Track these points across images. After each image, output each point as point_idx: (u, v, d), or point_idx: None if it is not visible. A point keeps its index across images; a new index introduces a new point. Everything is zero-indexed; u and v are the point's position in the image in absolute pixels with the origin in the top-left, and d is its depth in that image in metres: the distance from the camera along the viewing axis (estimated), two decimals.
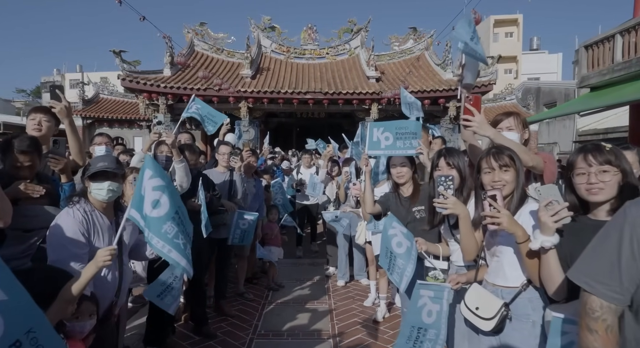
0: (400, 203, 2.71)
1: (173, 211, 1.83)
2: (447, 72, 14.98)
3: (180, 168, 3.07)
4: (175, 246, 1.81)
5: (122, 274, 2.05)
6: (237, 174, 4.02)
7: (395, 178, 2.72)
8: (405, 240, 2.16)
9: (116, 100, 19.66)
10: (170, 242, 1.80)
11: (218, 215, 3.71)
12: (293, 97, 13.03)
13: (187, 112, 3.64)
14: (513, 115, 2.33)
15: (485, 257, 1.89)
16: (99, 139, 3.62)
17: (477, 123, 1.97)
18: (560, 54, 37.67)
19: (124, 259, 2.11)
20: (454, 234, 2.10)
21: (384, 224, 2.24)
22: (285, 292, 4.78)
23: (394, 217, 2.23)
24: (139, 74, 12.92)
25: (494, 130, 2.02)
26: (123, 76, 12.61)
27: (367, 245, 4.42)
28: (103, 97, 19.77)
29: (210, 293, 4.16)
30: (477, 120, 1.97)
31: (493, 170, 1.75)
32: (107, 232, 2.00)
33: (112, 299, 2.01)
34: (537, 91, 25.09)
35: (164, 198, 1.81)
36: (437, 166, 2.15)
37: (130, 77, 12.59)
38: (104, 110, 18.57)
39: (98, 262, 1.65)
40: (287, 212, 6.05)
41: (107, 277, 1.96)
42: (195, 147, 3.62)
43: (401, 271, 2.17)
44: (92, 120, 18.36)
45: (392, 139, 2.61)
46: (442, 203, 1.84)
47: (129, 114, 17.95)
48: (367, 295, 4.53)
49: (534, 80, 27.73)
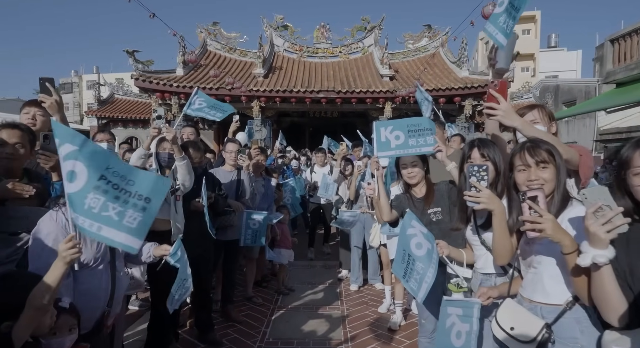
0: (414, 205, 2.49)
1: (95, 177, 1.47)
2: (463, 69, 14.63)
3: (181, 166, 2.88)
4: (105, 220, 1.47)
5: (115, 281, 1.88)
6: (245, 173, 3.83)
7: (406, 179, 2.51)
8: (425, 242, 1.90)
9: (130, 100, 19.84)
10: (97, 217, 1.46)
11: (225, 216, 3.54)
12: (306, 96, 12.86)
13: (189, 108, 3.40)
14: (537, 107, 2.10)
15: (520, 268, 1.65)
16: (100, 135, 3.46)
17: (503, 111, 1.70)
18: (579, 51, 36.71)
19: (117, 265, 1.94)
20: (482, 236, 1.87)
21: (401, 223, 2.00)
22: (296, 297, 4.59)
23: (413, 215, 1.97)
24: (151, 74, 12.94)
25: (522, 120, 1.76)
26: (136, 76, 12.64)
27: (382, 248, 4.20)
28: (118, 98, 19.96)
29: (217, 297, 4.00)
30: (503, 108, 1.71)
31: (529, 168, 1.51)
32: None
33: (103, 309, 1.84)
34: (556, 89, 24.41)
35: (78, 166, 1.45)
36: (468, 158, 1.90)
37: (143, 77, 12.62)
38: (118, 110, 18.75)
39: (63, 257, 1.40)
40: (296, 214, 5.85)
41: (96, 285, 1.79)
42: (199, 144, 3.41)
43: (420, 277, 1.91)
44: (107, 120, 18.56)
45: (403, 138, 2.36)
46: (474, 197, 1.59)
47: (143, 113, 18.07)
48: (382, 300, 4.31)
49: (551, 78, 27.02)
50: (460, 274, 1.93)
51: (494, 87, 1.74)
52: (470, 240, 1.97)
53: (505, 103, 1.73)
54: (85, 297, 1.72)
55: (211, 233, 3.05)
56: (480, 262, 1.92)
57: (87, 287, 1.75)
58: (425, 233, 1.93)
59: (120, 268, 1.98)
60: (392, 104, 13.28)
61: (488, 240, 1.82)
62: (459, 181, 1.92)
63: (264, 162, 4.47)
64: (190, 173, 2.94)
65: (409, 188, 2.56)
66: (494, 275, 1.87)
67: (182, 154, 2.87)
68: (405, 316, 3.89)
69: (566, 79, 26.28)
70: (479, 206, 1.61)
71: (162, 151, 2.98)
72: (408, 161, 2.47)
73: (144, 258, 2.16)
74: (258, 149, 4.22)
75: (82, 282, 1.74)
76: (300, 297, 4.59)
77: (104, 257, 1.85)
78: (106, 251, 1.87)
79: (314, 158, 7.24)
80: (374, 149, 2.44)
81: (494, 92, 1.73)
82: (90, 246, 1.79)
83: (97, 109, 18.75)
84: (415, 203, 2.49)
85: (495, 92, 1.73)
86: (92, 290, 1.77)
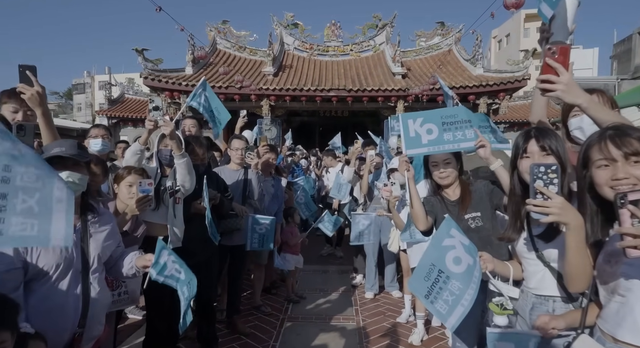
0: (447, 209, 2.15)
1: None
2: (477, 67, 14.22)
3: (181, 164, 2.58)
4: None
5: (89, 297, 1.58)
6: (253, 172, 3.52)
7: (437, 179, 2.19)
8: (466, 256, 1.56)
9: (141, 100, 19.83)
10: None
11: (230, 220, 3.25)
12: (316, 95, 12.60)
13: (193, 99, 3.06)
14: (597, 92, 1.79)
15: (599, 293, 1.29)
16: (95, 130, 3.19)
17: (564, 85, 1.33)
18: (596, 49, 35.77)
19: (95, 277, 1.63)
20: (539, 250, 1.51)
21: (437, 232, 1.64)
22: (307, 305, 4.29)
23: (452, 222, 1.62)
24: (160, 73, 12.80)
25: (589, 97, 1.39)
26: (145, 74, 12.51)
27: (401, 253, 3.89)
28: (128, 97, 19.98)
29: (222, 306, 3.72)
30: (564, 80, 1.32)
31: (614, 163, 1.17)
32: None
33: (73, 331, 1.53)
34: None
35: None
36: (523, 152, 1.52)
37: (152, 76, 12.48)
38: (128, 109, 18.75)
39: None
40: (312, 212, 5.49)
41: (60, 300, 1.50)
42: (202, 139, 3.11)
43: (454, 299, 1.55)
44: (117, 119, 18.58)
45: (437, 132, 2.01)
46: (542, 207, 1.22)
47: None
48: (400, 310, 3.99)
49: None
50: (506, 293, 1.59)
51: (552, 55, 1.33)
52: (520, 253, 1.62)
53: (567, 74, 1.34)
54: (45, 315, 1.43)
55: (214, 239, 2.77)
56: (534, 281, 1.56)
57: (49, 303, 1.46)
58: (466, 245, 1.59)
59: (97, 281, 1.66)
60: (404, 103, 12.97)
61: (549, 255, 1.49)
62: (511, 183, 1.58)
63: (274, 160, 4.16)
64: (191, 173, 2.65)
65: (439, 189, 2.23)
66: (553, 298, 1.51)
67: (182, 151, 2.57)
68: (427, 328, 3.56)
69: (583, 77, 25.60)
70: (547, 219, 1.23)
71: (164, 148, 2.68)
72: (440, 159, 2.15)
73: (126, 272, 1.84)
74: (267, 147, 3.91)
75: (42, 297, 1.45)
76: (312, 305, 4.29)
77: (71, 265, 1.55)
78: (73, 258, 1.56)
79: (324, 161, 6.97)
80: (402, 145, 2.08)
81: (551, 61, 1.34)
82: (54, 255, 1.48)
83: (107, 109, 18.81)
84: (449, 207, 2.17)
85: (553, 61, 1.34)
86: (54, 306, 1.46)
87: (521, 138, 1.55)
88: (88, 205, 1.70)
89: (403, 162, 2.09)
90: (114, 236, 1.80)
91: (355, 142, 5.82)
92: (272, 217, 3.57)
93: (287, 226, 4.34)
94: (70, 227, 1.07)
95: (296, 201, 5.10)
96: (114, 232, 1.79)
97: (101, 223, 1.72)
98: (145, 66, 12.73)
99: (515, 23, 34.06)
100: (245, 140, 3.59)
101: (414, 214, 2.16)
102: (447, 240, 1.59)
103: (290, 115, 15.12)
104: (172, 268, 1.80)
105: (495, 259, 1.65)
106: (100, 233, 1.69)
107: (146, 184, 2.24)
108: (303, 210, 5.13)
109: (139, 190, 2.22)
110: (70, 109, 47.31)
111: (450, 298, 1.56)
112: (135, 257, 1.81)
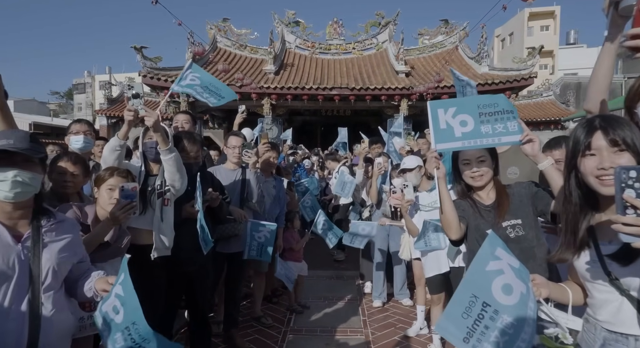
0: (481, 216, 1.84)
1: None
2: (483, 65, 13.96)
3: (168, 160, 2.25)
4: None
5: (39, 320, 1.30)
6: (252, 172, 3.22)
7: (469, 180, 1.87)
8: (518, 282, 1.22)
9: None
10: None
11: (228, 225, 2.96)
12: (318, 93, 12.34)
13: (178, 84, 2.65)
14: None
15: None
16: (77, 126, 2.85)
17: None
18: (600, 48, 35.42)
19: (43, 296, 1.34)
20: (614, 275, 1.17)
21: (479, 255, 1.25)
22: (311, 315, 3.99)
23: (498, 240, 1.28)
24: (160, 71, 12.57)
25: None
26: (144, 73, 12.28)
27: (414, 261, 3.59)
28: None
29: (218, 318, 3.44)
30: None
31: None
32: (9, 251, 1.28)
33: None
34: (577, 86, 23.55)
35: None
36: (586, 149, 1.18)
37: (151, 74, 12.26)
38: None
39: None
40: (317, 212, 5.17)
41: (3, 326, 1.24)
42: (195, 136, 2.78)
43: (508, 341, 1.17)
44: (117, 119, 18.34)
45: (472, 124, 1.68)
46: (634, 226, 0.92)
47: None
48: (411, 322, 3.71)
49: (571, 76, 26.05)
50: (563, 323, 1.28)
51: None
52: (584, 276, 1.28)
53: None
54: None
55: (203, 247, 2.46)
56: (606, 313, 1.21)
57: None
58: (517, 268, 1.25)
59: (54, 300, 1.37)
60: (408, 101, 12.69)
61: (628, 282, 1.16)
62: (567, 189, 1.27)
63: (275, 159, 3.84)
64: (181, 170, 2.33)
65: (469, 191, 1.93)
66: (635, 337, 1.15)
67: (169, 145, 2.22)
68: (442, 343, 3.28)
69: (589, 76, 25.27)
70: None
71: (149, 140, 2.35)
72: (473, 156, 1.82)
73: (84, 294, 1.50)
74: (268, 145, 3.60)
75: None
76: (316, 316, 3.99)
77: (9, 279, 1.27)
78: (14, 270, 1.28)
79: (328, 164, 6.70)
80: (431, 139, 1.75)
81: None
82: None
83: (106, 108, 18.60)
84: (483, 213, 1.85)
85: None
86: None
87: (582, 130, 1.21)
88: (42, 209, 1.43)
89: (432, 158, 1.74)
90: (75, 248, 1.51)
91: (362, 142, 5.46)
92: (274, 224, 3.27)
93: (286, 232, 4.01)
94: None
95: (301, 204, 4.81)
96: (75, 244, 1.50)
97: (59, 232, 1.44)
98: (144, 64, 12.49)
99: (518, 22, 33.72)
100: (243, 137, 3.29)
101: (445, 221, 1.83)
102: (493, 263, 1.24)
103: (292, 115, 14.88)
104: (111, 304, 1.36)
105: (549, 282, 1.35)
106: (56, 243, 1.41)
107: (129, 189, 1.88)
108: (308, 213, 4.83)
109: (121, 195, 1.86)
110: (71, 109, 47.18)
111: (501, 339, 1.18)
112: (95, 280, 1.49)
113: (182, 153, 2.44)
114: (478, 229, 1.83)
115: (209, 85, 2.69)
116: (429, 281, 3.20)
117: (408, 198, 2.76)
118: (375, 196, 4.16)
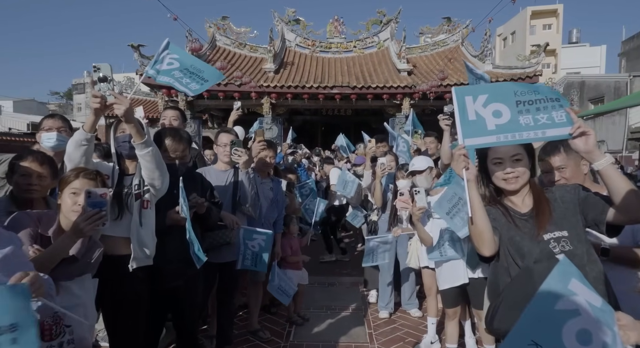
0: (515, 225, 1.54)
1: None
2: (486, 63, 13.75)
3: (144, 155, 1.93)
4: None
5: None
6: (244, 173, 2.90)
7: (501, 182, 1.56)
8: (600, 327, 0.95)
9: (139, 99, 19.49)
10: None
11: (219, 232, 2.70)
12: (319, 92, 12.10)
13: (153, 67, 2.22)
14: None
15: None
16: (49, 121, 2.52)
17: None
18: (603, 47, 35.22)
19: None
20: None
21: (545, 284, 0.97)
22: (312, 328, 3.70)
23: (573, 268, 1.00)
24: None
25: None
26: (141, 71, 12.01)
27: (423, 270, 3.32)
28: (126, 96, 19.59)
29: (211, 332, 3.17)
30: None
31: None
32: None
33: None
34: (581, 85, 23.33)
35: None
36: None
37: None
38: None
39: None
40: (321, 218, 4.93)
41: None
42: (182, 133, 2.44)
43: None
44: (115, 119, 18.05)
45: (509, 114, 1.39)
46: None
47: (151, 112, 17.62)
48: (421, 335, 3.43)
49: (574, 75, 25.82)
50: None
51: None
52: None
53: None
54: None
55: (195, 261, 2.17)
56: None
57: None
58: (598, 307, 0.98)
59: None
60: (410, 100, 12.45)
61: None
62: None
63: (273, 159, 3.54)
64: (160, 166, 2.02)
65: (499, 196, 1.64)
66: None
67: (144, 138, 1.90)
68: None
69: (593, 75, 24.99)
70: None
71: (121, 134, 2.08)
72: (507, 154, 1.51)
73: None
74: (264, 143, 3.30)
75: None
76: (318, 328, 3.69)
77: None
78: None
79: (326, 168, 6.55)
80: (458, 131, 1.44)
81: None
82: None
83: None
84: (518, 223, 1.54)
85: None
86: None
87: None
88: None
89: (460, 157, 1.45)
90: (12, 267, 1.22)
91: (369, 142, 5.15)
92: (269, 232, 2.99)
93: (283, 238, 3.68)
94: None
95: (304, 207, 4.54)
96: (14, 258, 1.25)
97: None
98: (142, 63, 12.25)
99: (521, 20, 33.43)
100: (235, 135, 3.01)
101: (476, 233, 1.51)
102: (565, 301, 0.95)
103: (292, 114, 14.65)
104: None
105: (636, 321, 1.05)
106: None
107: (98, 195, 1.59)
108: (310, 216, 4.57)
109: (87, 203, 1.58)
110: (71, 109, 46.99)
111: None
112: None
113: (165, 153, 2.17)
114: (512, 242, 1.53)
115: (189, 67, 2.30)
116: (443, 294, 2.89)
117: (420, 206, 2.49)
118: (380, 199, 3.88)
